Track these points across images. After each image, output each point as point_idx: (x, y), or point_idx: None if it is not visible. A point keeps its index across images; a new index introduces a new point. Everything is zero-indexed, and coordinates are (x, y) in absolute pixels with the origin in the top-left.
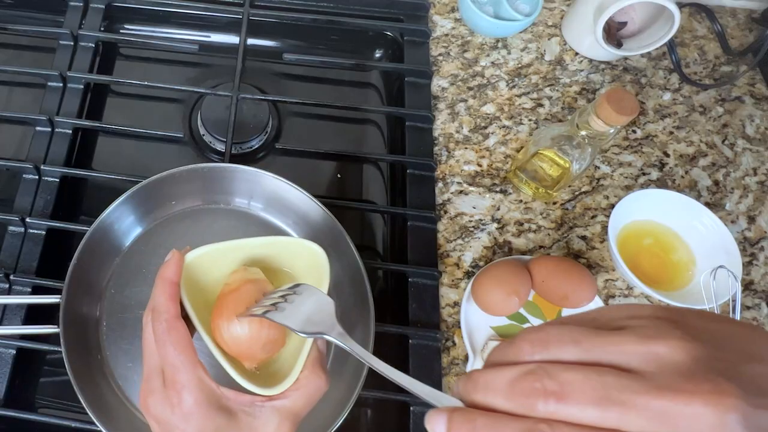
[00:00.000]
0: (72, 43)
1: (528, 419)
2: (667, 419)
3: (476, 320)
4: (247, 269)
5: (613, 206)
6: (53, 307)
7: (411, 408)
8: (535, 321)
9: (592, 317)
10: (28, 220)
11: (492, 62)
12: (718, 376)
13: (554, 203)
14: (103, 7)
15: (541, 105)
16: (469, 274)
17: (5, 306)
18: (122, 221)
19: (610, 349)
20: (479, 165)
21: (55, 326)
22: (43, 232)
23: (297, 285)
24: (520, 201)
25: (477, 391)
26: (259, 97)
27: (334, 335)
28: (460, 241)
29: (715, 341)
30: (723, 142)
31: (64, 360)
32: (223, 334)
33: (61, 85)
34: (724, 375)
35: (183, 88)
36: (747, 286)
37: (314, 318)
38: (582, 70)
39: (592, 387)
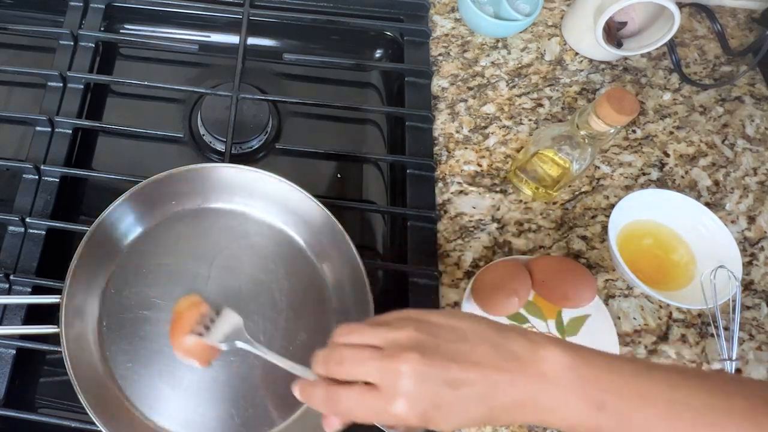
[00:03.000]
0: (72, 43)
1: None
2: (385, 371)
3: None
4: (186, 297)
5: (613, 206)
6: (53, 307)
7: None
8: (535, 321)
9: (382, 319)
10: (28, 220)
11: (492, 62)
12: (413, 349)
13: (554, 203)
14: (103, 7)
15: (541, 105)
16: (469, 274)
17: (5, 306)
18: (122, 221)
19: (372, 336)
20: (479, 165)
21: (55, 326)
22: (43, 232)
23: (220, 309)
24: (520, 201)
25: (313, 361)
26: (259, 97)
27: (240, 345)
28: (460, 241)
29: (433, 331)
30: (723, 142)
31: (65, 360)
32: (181, 347)
33: (61, 85)
34: (420, 348)
35: (183, 88)
36: (747, 286)
37: (229, 332)
38: (582, 70)
39: (355, 357)
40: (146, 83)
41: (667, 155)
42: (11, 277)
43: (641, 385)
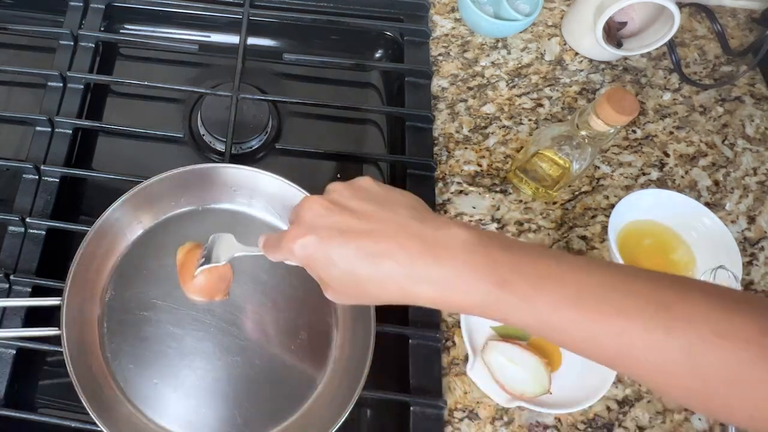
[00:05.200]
0: (72, 43)
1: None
2: (296, 208)
3: (476, 320)
4: (183, 246)
5: (613, 206)
6: (54, 308)
7: (411, 408)
8: None
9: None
10: (28, 220)
11: (492, 62)
12: (324, 195)
13: (554, 203)
14: (103, 7)
15: (541, 105)
16: None
17: (5, 307)
18: (123, 222)
19: None
20: (479, 165)
21: (56, 328)
22: (43, 232)
23: (212, 237)
24: (520, 201)
25: None
26: (259, 97)
27: (238, 253)
28: None
29: (352, 189)
30: (723, 142)
31: (66, 362)
32: (194, 288)
33: (61, 85)
34: (329, 194)
35: (183, 88)
36: (747, 286)
37: (224, 249)
38: (582, 70)
39: None
40: (146, 83)
41: (667, 155)
42: (11, 277)
43: (545, 266)
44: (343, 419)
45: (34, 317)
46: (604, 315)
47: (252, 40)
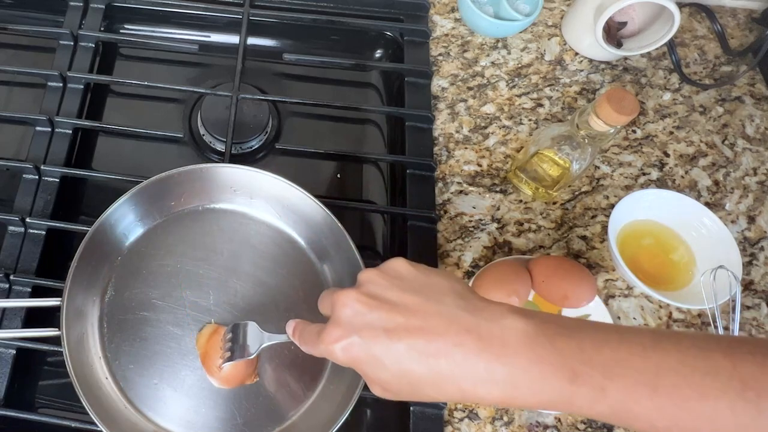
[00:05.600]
0: (72, 43)
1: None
2: (330, 302)
3: None
4: (201, 331)
5: (613, 206)
6: (54, 308)
7: (411, 408)
8: None
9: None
10: (28, 220)
11: (492, 62)
12: (359, 287)
13: (554, 203)
14: (103, 7)
15: (541, 105)
16: (469, 274)
17: (5, 308)
18: (123, 222)
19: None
20: (479, 165)
21: (56, 329)
22: (43, 232)
23: (233, 326)
24: (520, 201)
25: None
26: (259, 97)
27: (266, 343)
28: (460, 241)
29: (390, 277)
30: (723, 142)
31: (66, 362)
32: (221, 379)
33: (61, 85)
34: (366, 286)
35: (183, 88)
36: (747, 286)
37: (251, 341)
38: (582, 70)
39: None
40: (146, 83)
41: (667, 155)
42: (11, 278)
43: (615, 349)
44: (343, 419)
45: (34, 318)
46: (686, 399)
47: (252, 40)
